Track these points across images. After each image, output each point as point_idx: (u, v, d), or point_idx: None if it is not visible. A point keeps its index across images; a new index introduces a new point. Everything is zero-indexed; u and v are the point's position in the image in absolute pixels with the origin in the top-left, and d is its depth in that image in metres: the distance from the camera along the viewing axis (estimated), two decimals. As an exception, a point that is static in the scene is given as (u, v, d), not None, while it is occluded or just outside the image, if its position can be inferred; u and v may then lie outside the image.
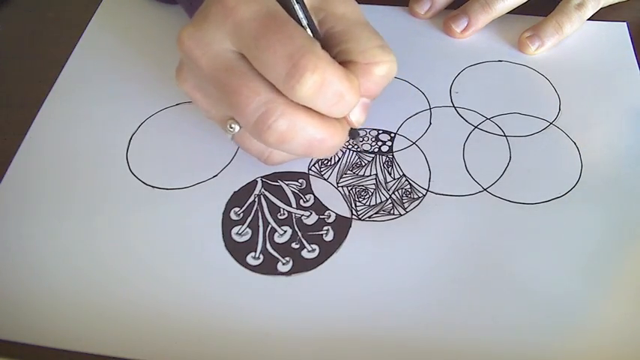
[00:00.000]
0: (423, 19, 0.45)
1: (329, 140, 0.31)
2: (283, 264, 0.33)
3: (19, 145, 0.38)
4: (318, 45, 0.28)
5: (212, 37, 0.29)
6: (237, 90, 0.29)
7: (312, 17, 0.32)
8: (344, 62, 0.31)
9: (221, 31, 0.29)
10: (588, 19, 0.43)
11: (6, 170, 0.37)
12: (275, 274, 0.32)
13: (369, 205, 0.35)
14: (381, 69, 0.31)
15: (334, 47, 0.32)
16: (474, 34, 0.44)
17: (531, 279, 0.32)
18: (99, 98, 0.41)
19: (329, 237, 0.34)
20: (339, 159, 0.37)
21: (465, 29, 0.43)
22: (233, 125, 0.32)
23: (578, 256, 0.33)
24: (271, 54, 0.28)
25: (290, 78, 0.28)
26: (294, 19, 0.29)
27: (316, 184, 0.36)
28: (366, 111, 0.33)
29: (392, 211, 0.35)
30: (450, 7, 0.45)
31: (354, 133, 0.35)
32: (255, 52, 0.28)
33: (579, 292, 0.31)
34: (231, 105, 0.30)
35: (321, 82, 0.28)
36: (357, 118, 0.33)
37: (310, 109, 0.30)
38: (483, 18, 0.43)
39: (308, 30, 0.31)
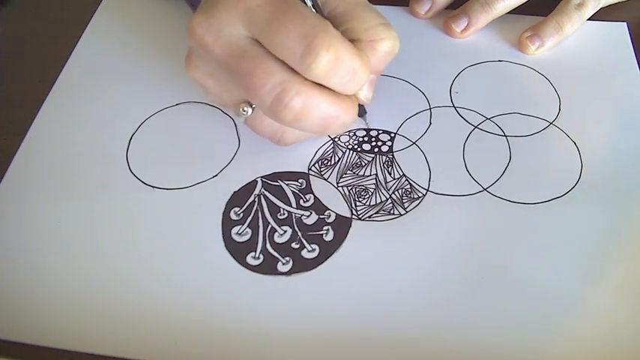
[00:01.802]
0: (423, 19, 0.45)
1: (343, 116, 0.32)
2: (283, 264, 0.33)
3: (19, 145, 0.38)
4: (329, 24, 0.29)
5: (223, 23, 0.30)
6: (251, 72, 0.30)
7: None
8: (349, 40, 0.32)
9: (232, 17, 0.30)
10: (588, 19, 0.43)
11: (6, 170, 0.37)
12: (275, 274, 0.32)
13: (369, 205, 0.35)
14: (385, 45, 0.33)
15: (338, 27, 0.33)
16: (474, 33, 0.44)
17: (531, 279, 0.32)
18: (99, 98, 0.41)
19: (329, 237, 0.34)
20: (339, 159, 0.37)
21: (465, 29, 0.43)
22: (246, 108, 0.33)
23: (578, 255, 0.33)
24: (285, 35, 0.29)
25: (306, 57, 0.29)
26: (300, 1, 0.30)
27: (316, 183, 0.36)
28: (373, 87, 0.35)
29: (392, 211, 0.35)
30: (450, 7, 0.45)
31: (361, 110, 0.36)
32: (268, 34, 0.29)
33: (579, 291, 0.31)
34: (247, 87, 0.30)
35: (335, 59, 0.29)
36: (365, 95, 0.35)
37: (323, 87, 0.31)
38: (483, 18, 0.43)
39: (313, 11, 0.31)
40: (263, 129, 0.35)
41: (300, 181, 0.36)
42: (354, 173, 0.36)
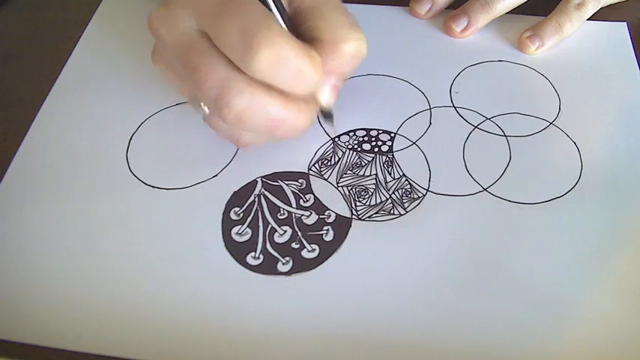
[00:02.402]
0: (423, 20, 0.45)
1: (292, 119, 0.30)
2: (283, 264, 0.33)
3: (19, 145, 0.38)
4: (273, 20, 0.28)
5: (177, 16, 0.30)
6: (197, 67, 0.29)
7: None
8: (311, 39, 0.31)
9: (186, 11, 0.30)
10: (588, 19, 0.43)
11: (6, 170, 0.37)
12: (275, 274, 0.32)
13: (369, 205, 0.35)
14: (349, 46, 0.31)
15: (301, 24, 0.31)
16: (473, 33, 0.44)
17: (531, 278, 0.32)
18: (99, 98, 0.41)
19: (329, 237, 0.34)
20: (339, 159, 0.37)
21: (465, 29, 0.43)
22: (203, 105, 0.32)
23: (578, 255, 0.33)
24: (228, 30, 0.28)
25: (245, 53, 0.28)
26: None
27: (316, 183, 0.36)
28: (335, 92, 0.33)
29: (392, 211, 0.35)
30: (450, 7, 0.45)
31: (327, 114, 0.35)
32: (214, 30, 0.29)
33: (579, 291, 0.31)
34: (194, 82, 0.30)
35: (276, 57, 0.28)
36: (325, 99, 0.33)
37: (272, 88, 0.29)
38: (483, 17, 0.43)
39: (272, 6, 0.30)
40: (220, 128, 0.33)
41: (300, 181, 0.36)
42: (354, 173, 0.36)
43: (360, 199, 0.35)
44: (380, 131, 0.38)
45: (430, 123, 0.39)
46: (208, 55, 0.29)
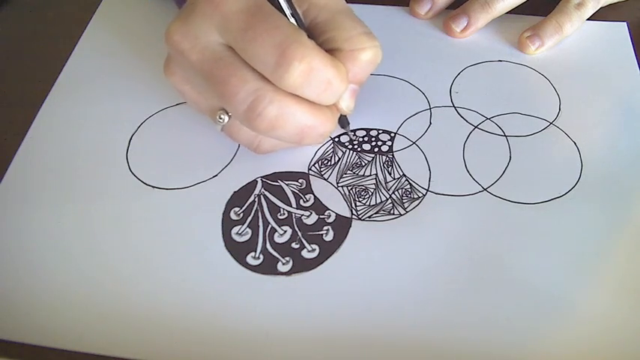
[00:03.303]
0: (423, 20, 0.45)
1: (320, 127, 0.32)
2: (283, 264, 0.33)
3: (19, 145, 0.38)
4: (304, 34, 0.29)
5: (199, 30, 0.30)
6: (226, 80, 0.30)
7: (297, 8, 0.32)
8: (329, 50, 0.32)
9: (208, 24, 0.30)
10: (588, 19, 0.43)
11: (6, 170, 0.37)
12: (275, 274, 0.32)
13: (369, 205, 0.35)
14: (366, 54, 0.32)
15: (319, 36, 0.32)
16: (473, 33, 0.44)
17: (531, 278, 0.32)
18: (99, 98, 0.41)
19: (329, 237, 0.34)
20: (339, 159, 0.37)
21: (464, 29, 0.43)
22: (222, 116, 0.33)
23: (578, 255, 0.33)
24: (259, 44, 0.29)
25: (278, 67, 0.28)
26: (279, 10, 0.30)
27: (316, 183, 0.36)
28: (354, 97, 0.34)
29: (392, 211, 0.35)
30: (450, 7, 0.45)
31: (343, 121, 0.36)
32: (242, 43, 0.29)
33: (579, 291, 0.31)
34: (222, 95, 0.30)
35: (308, 70, 0.29)
36: (347, 105, 0.34)
37: (299, 96, 0.30)
38: (483, 17, 0.43)
39: (292, 20, 0.31)
40: (240, 137, 0.34)
41: (300, 181, 0.36)
42: (354, 173, 0.36)
43: (360, 199, 0.35)
44: (380, 131, 0.38)
45: (430, 123, 0.39)
46: (237, 67, 0.30)
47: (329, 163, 0.37)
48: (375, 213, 0.35)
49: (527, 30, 0.43)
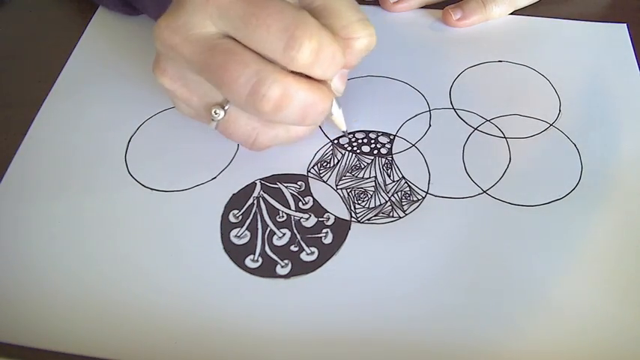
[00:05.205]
0: (421, 21, 0.45)
1: (319, 104, 0.31)
2: (282, 267, 0.33)
3: (19, 145, 0.38)
4: (306, 12, 0.29)
5: (191, 23, 0.30)
6: (224, 66, 0.29)
7: None
8: None
9: (201, 17, 0.30)
10: (588, 20, 0.43)
11: (6, 170, 0.37)
12: (274, 277, 0.32)
13: (368, 208, 0.35)
14: (361, 43, 0.32)
15: None
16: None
17: (531, 281, 0.32)
18: (99, 99, 0.41)
19: (328, 239, 0.34)
20: (339, 161, 0.37)
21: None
22: (218, 111, 0.32)
23: (578, 257, 0.33)
24: (265, 30, 0.29)
25: (289, 50, 0.29)
26: None
27: (315, 186, 0.36)
28: (344, 80, 0.35)
29: (391, 214, 0.35)
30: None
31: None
32: (245, 31, 0.29)
33: (580, 293, 0.31)
34: (221, 82, 0.30)
35: (318, 47, 0.29)
36: (337, 87, 0.34)
37: (298, 75, 0.30)
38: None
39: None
40: (235, 132, 0.34)
41: (299, 183, 0.36)
42: (353, 175, 0.36)
43: (360, 202, 0.35)
44: (379, 133, 0.38)
45: (430, 125, 0.39)
46: (235, 52, 0.29)
47: (328, 166, 0.37)
48: (375, 215, 0.35)
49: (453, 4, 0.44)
